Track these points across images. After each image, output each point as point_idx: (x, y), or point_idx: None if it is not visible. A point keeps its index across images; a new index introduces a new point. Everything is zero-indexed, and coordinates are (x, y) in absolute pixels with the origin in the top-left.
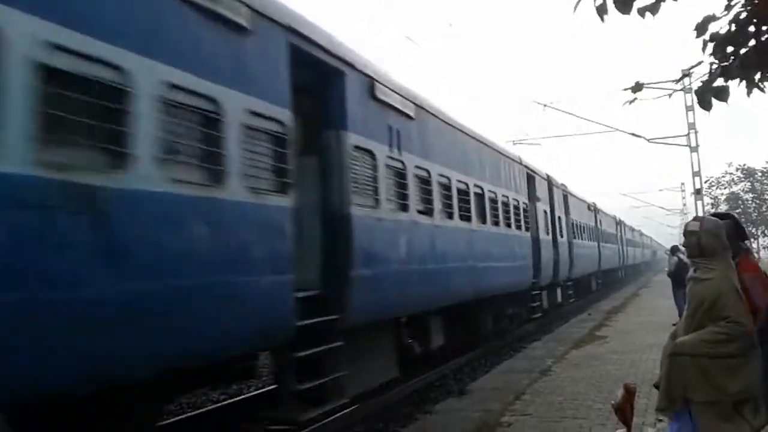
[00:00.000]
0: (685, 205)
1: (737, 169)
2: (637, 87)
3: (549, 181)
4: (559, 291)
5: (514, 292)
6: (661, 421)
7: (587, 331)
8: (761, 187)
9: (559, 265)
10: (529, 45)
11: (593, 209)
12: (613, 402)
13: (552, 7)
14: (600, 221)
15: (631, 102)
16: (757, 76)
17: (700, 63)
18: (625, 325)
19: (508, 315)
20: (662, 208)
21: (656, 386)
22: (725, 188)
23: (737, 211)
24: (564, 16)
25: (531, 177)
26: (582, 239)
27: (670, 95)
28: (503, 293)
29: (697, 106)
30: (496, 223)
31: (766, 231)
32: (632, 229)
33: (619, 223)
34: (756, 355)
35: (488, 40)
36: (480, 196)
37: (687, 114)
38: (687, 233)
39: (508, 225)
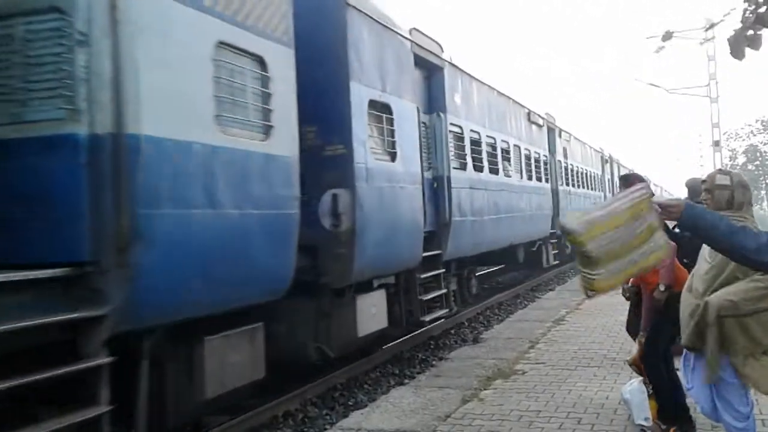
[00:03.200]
0: (702, 156)
1: (756, 121)
2: (667, 35)
3: None
4: None
5: None
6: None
7: None
8: None
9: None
10: None
11: (543, 123)
12: (628, 359)
13: None
14: (564, 150)
15: (658, 51)
16: None
17: (733, 10)
18: None
19: None
20: (678, 160)
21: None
22: (743, 140)
23: (755, 163)
24: None
25: None
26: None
27: (701, 43)
28: None
29: (720, 56)
30: None
31: None
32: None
33: (608, 161)
34: None
35: None
36: None
37: (708, 64)
38: (715, 187)
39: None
